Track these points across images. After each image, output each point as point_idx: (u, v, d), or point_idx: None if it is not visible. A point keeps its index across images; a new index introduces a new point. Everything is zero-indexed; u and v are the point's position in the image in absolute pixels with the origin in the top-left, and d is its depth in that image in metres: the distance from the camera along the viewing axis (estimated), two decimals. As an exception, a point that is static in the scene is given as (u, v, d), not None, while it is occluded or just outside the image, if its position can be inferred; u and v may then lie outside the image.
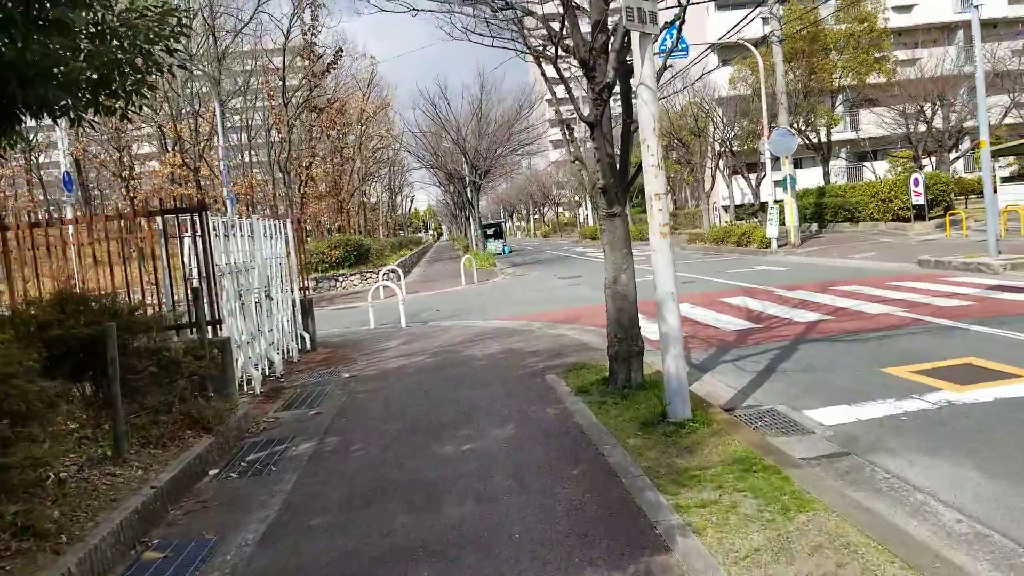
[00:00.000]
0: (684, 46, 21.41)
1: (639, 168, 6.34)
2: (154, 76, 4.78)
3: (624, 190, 6.19)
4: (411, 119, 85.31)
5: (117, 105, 4.61)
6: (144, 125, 31.37)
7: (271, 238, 9.54)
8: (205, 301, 6.66)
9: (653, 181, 5.13)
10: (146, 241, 6.92)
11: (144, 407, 5.47)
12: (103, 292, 6.41)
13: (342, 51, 32.28)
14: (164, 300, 7.37)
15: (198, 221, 6.63)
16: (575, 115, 6.15)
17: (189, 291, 6.59)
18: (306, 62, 29.78)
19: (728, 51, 41.25)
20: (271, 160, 28.92)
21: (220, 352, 6.49)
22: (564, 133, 6.41)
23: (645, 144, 5.14)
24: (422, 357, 9.26)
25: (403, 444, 5.47)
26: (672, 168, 43.68)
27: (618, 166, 6.10)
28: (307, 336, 10.52)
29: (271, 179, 31.57)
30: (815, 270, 15.52)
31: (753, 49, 21.91)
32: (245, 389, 7.66)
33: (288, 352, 9.72)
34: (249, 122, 38.28)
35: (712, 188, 37.77)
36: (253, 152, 39.19)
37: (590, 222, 53.74)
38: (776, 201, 22.18)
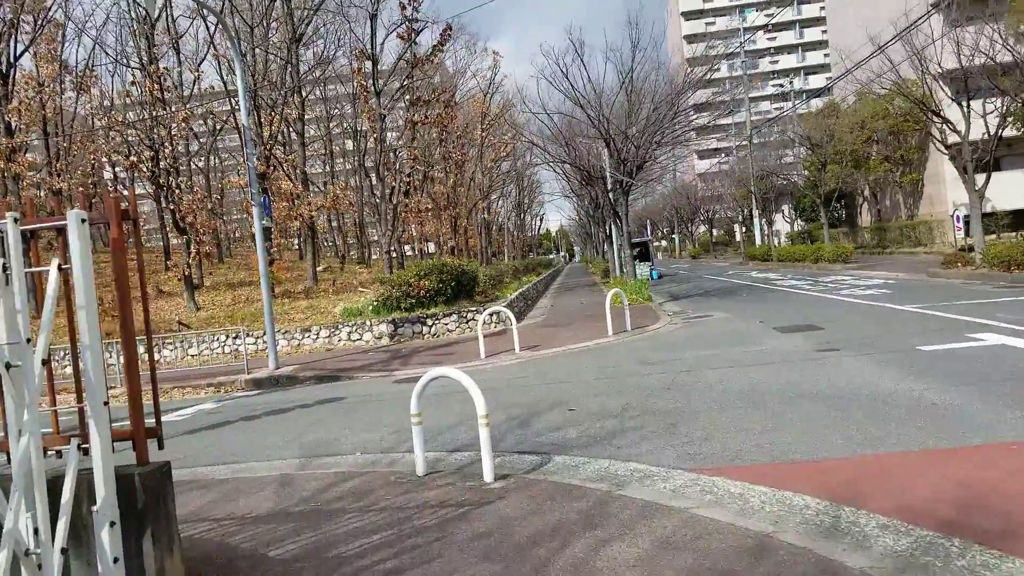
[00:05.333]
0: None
1: None
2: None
3: None
4: (533, 93, 75.28)
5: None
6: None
7: None
8: None
9: None
10: None
11: None
12: None
13: (451, 30, 25.85)
14: None
15: None
16: None
17: None
18: (403, 41, 23.62)
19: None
20: (358, 162, 22.85)
21: None
22: None
23: None
24: None
25: None
26: (878, 168, 33.38)
27: None
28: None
29: (362, 188, 25.79)
30: None
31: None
32: None
33: None
34: (348, 123, 33.00)
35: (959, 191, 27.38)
36: (348, 159, 33.80)
37: (757, 241, 43.83)
38: None
